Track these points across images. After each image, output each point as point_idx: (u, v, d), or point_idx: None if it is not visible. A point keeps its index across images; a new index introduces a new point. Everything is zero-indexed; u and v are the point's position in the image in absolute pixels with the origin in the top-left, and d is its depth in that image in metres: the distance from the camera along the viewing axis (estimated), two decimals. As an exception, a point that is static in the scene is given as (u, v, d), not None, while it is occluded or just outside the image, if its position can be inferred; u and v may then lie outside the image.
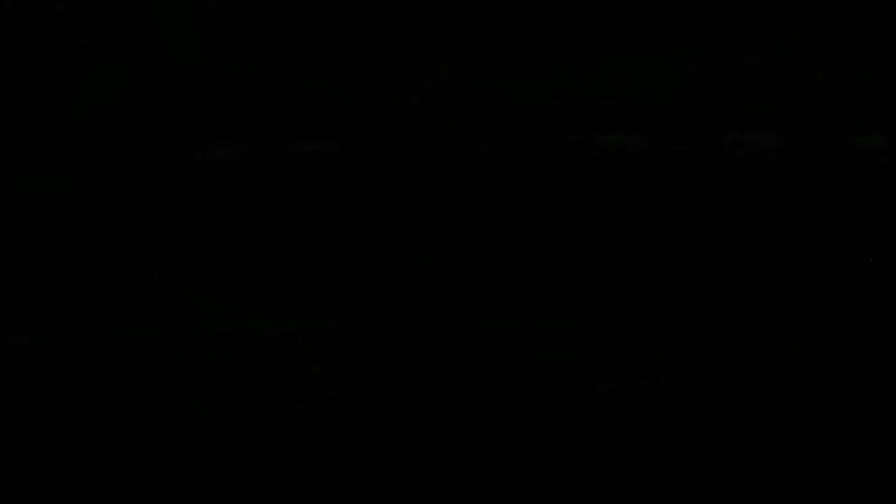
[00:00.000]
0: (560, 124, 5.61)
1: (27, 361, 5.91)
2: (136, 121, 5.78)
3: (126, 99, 5.70)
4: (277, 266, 5.84)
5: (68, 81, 5.70)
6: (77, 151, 5.88)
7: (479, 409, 5.45)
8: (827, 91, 5.64)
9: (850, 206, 5.53)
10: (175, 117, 5.75)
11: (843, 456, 5.20)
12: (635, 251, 5.58)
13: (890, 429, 5.27)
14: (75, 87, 5.70)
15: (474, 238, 5.69)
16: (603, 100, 5.61)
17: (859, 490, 5.19)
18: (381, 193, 5.75)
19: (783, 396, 5.30)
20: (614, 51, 5.61)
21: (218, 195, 5.86)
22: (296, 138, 5.75)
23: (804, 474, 5.20)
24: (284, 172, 5.82)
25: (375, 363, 5.61)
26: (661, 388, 5.35)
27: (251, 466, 5.65)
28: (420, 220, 5.75)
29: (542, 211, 5.65)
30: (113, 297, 5.93)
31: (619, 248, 5.58)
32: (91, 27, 5.67)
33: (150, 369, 5.79)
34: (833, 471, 5.19)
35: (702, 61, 5.64)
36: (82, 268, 5.95)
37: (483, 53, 5.68)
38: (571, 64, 5.62)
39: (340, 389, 5.63)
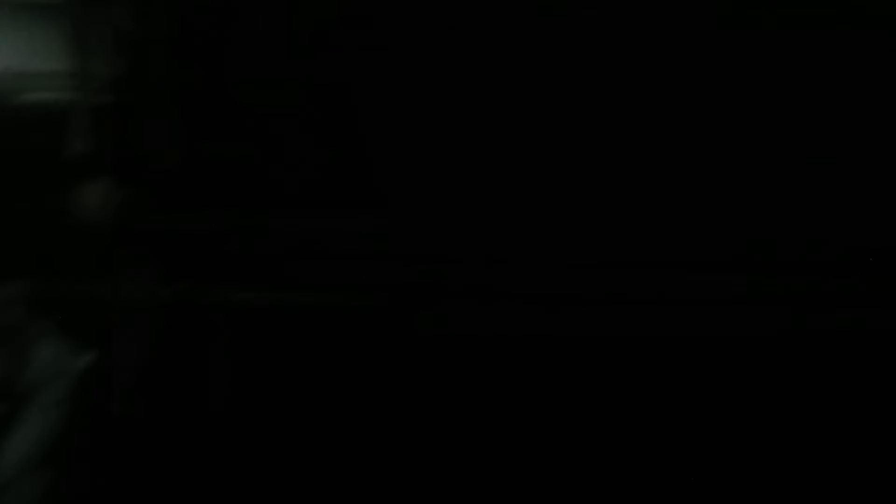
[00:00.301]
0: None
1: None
2: (364, 36, 5.80)
3: (353, 14, 5.74)
4: (510, 181, 5.81)
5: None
6: (303, 65, 5.89)
7: (721, 336, 5.49)
8: None
9: None
10: (404, 33, 5.78)
11: None
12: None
13: None
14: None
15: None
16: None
17: None
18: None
19: None
20: None
21: (445, 111, 5.89)
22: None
23: None
24: (516, 87, 5.86)
25: (618, 284, 5.60)
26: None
27: (485, 384, 5.69)
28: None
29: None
30: (338, 210, 5.97)
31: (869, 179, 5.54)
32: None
33: (382, 283, 5.83)
34: None
35: None
36: (308, 181, 5.99)
37: None
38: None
39: (583, 308, 5.62)
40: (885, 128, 5.53)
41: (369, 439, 5.78)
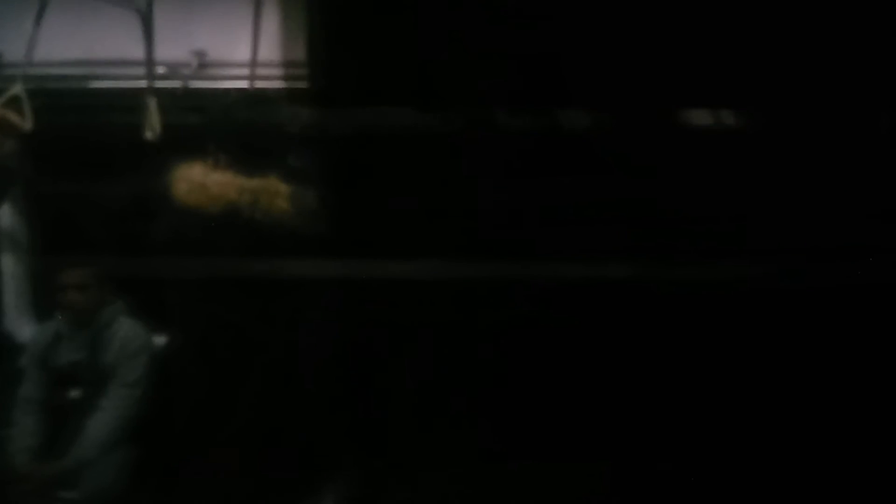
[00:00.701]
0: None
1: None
2: (569, 6, 5.74)
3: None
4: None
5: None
6: (502, 38, 5.84)
7: None
8: None
9: None
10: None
11: None
12: None
13: None
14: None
15: None
16: None
17: None
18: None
19: None
20: None
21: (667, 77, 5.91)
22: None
23: None
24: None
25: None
26: None
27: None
28: None
29: None
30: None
31: None
32: None
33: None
34: None
35: None
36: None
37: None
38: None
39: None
40: None
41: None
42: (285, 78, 6.51)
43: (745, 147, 6.01)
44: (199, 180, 6.20)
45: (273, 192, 6.21)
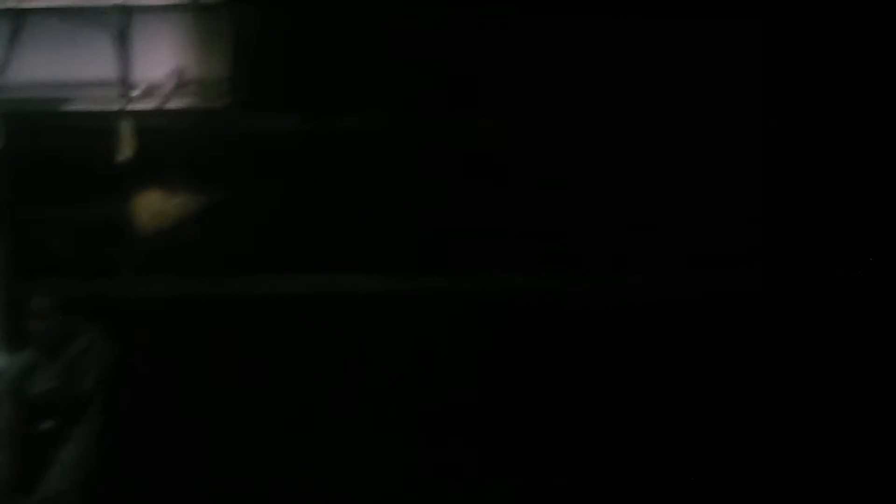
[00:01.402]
0: None
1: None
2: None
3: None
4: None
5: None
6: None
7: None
8: None
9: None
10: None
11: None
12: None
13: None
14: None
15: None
16: None
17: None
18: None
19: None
20: None
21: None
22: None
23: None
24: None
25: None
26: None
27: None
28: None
29: None
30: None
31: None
32: None
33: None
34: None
35: None
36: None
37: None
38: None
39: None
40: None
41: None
42: (206, 94, 6.49)
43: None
44: (146, 201, 6.21)
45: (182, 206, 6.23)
